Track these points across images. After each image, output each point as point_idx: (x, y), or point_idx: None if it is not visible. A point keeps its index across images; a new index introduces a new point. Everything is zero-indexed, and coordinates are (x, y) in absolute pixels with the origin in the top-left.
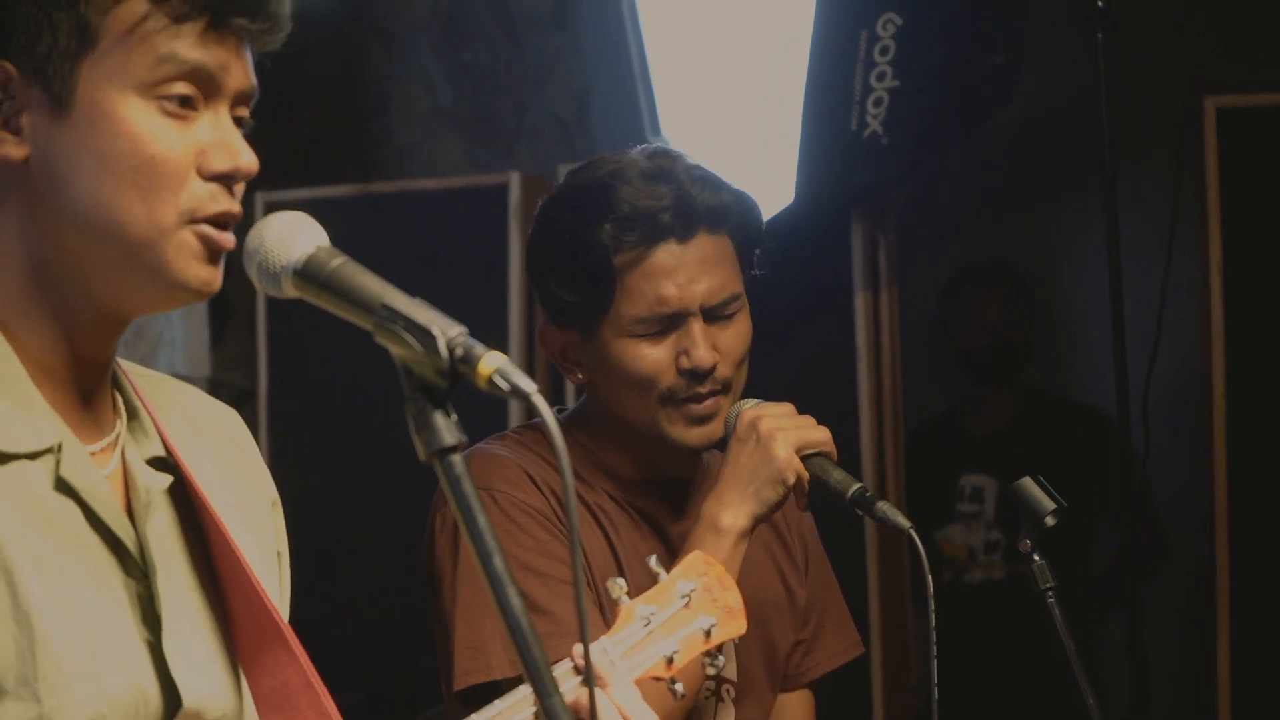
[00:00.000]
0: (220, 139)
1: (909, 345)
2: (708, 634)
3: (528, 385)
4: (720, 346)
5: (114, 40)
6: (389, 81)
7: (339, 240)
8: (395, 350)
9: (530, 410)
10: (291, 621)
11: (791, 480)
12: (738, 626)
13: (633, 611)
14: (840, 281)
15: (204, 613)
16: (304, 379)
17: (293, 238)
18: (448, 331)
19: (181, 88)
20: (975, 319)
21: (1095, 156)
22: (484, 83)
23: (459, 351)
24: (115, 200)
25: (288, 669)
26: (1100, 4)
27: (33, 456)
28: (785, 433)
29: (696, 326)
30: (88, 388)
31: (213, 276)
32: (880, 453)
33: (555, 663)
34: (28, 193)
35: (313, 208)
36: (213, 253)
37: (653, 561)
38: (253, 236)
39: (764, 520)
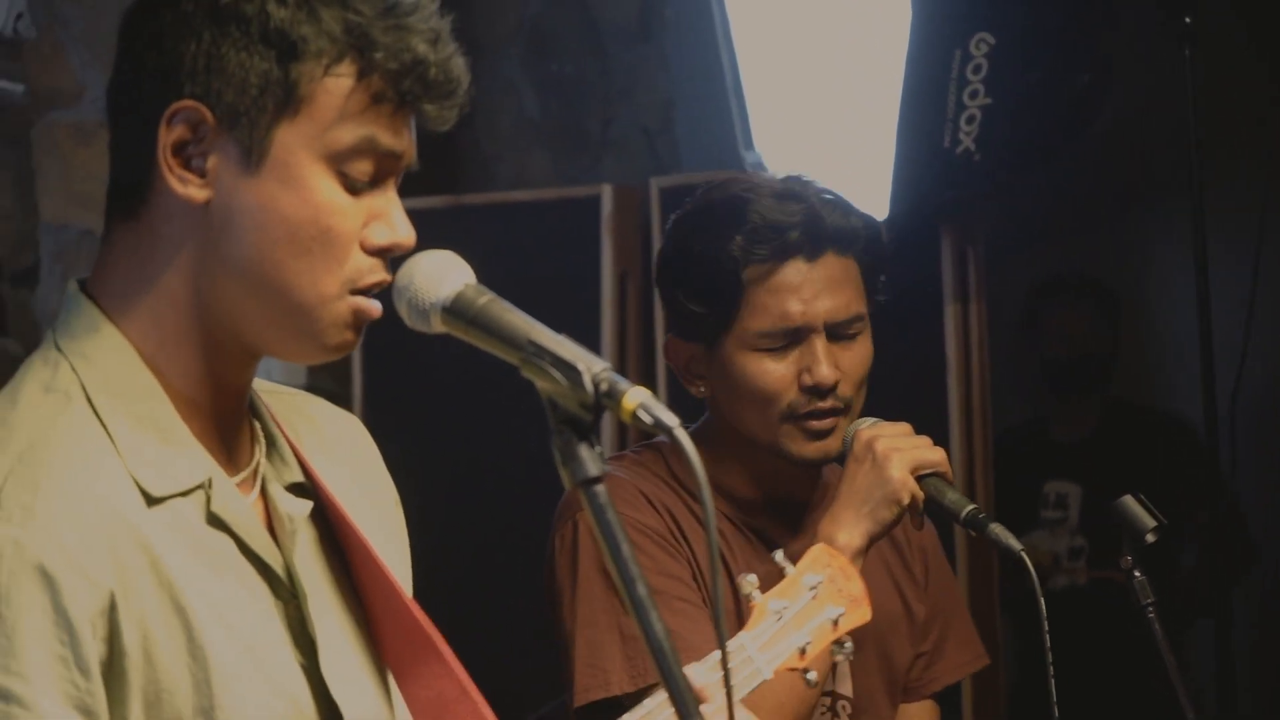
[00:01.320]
0: (385, 213)
1: (996, 354)
2: (835, 623)
3: (670, 419)
4: (842, 366)
5: (316, 109)
6: (476, 93)
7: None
8: (541, 384)
9: (643, 431)
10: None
11: (906, 500)
12: (863, 614)
13: (766, 607)
14: (930, 294)
15: (353, 631)
16: (398, 385)
17: (442, 276)
18: (592, 367)
19: (367, 167)
20: (1060, 331)
21: (1183, 168)
22: (570, 94)
23: (604, 386)
24: (287, 262)
25: (442, 679)
26: (1188, 20)
27: (185, 494)
28: (901, 453)
29: (820, 343)
30: (229, 418)
31: (354, 342)
32: (970, 462)
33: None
34: (200, 234)
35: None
36: (360, 322)
37: (779, 556)
38: (403, 274)
39: (879, 539)
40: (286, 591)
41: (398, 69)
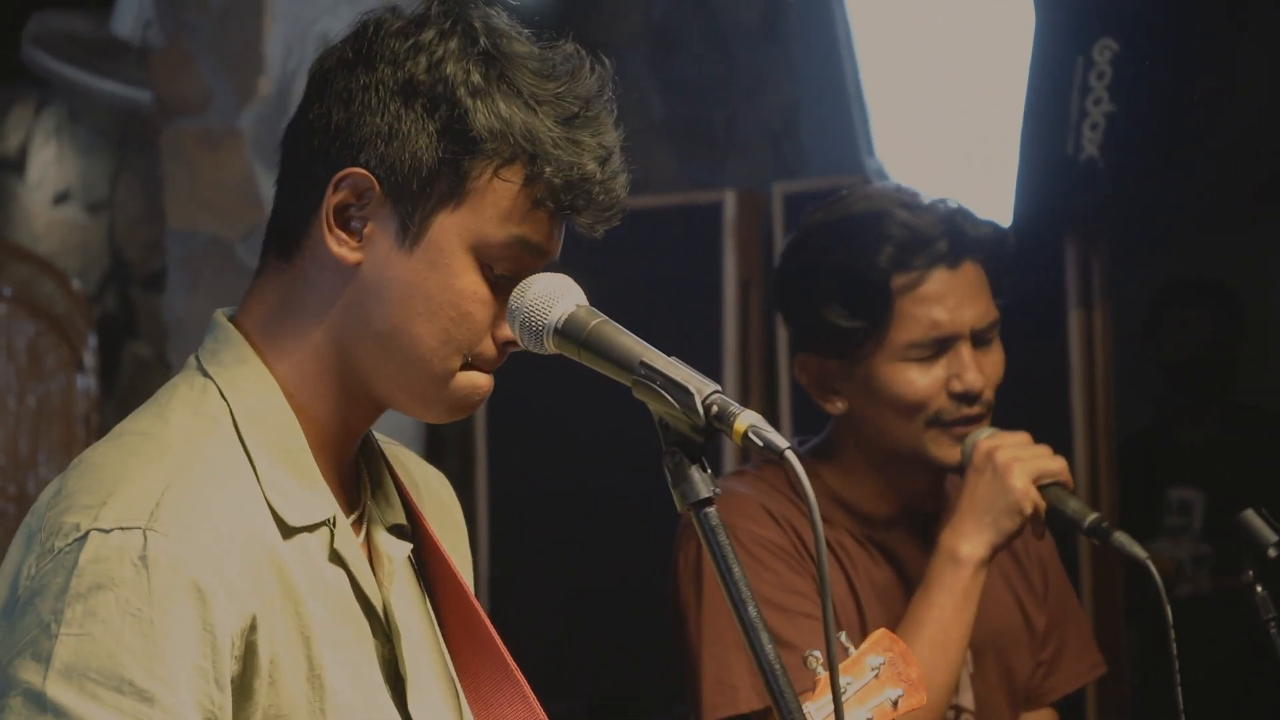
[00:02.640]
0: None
1: (1119, 359)
2: (895, 704)
3: (780, 442)
4: (985, 371)
5: (479, 204)
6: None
7: (554, 260)
8: (654, 406)
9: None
10: (506, 629)
11: (1029, 510)
12: (920, 699)
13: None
14: (1054, 301)
15: (440, 671)
16: (518, 403)
17: (554, 298)
18: (703, 390)
19: (510, 265)
20: (1182, 334)
21: None
22: (695, 96)
23: (715, 409)
24: (424, 338)
25: (521, 710)
26: None
27: (312, 529)
28: (1022, 463)
29: (966, 350)
30: (348, 459)
31: (470, 411)
32: (1094, 469)
33: (801, 692)
34: (346, 292)
35: None
36: (477, 400)
37: (843, 637)
38: (515, 296)
39: (1002, 549)
40: (382, 631)
41: (563, 184)
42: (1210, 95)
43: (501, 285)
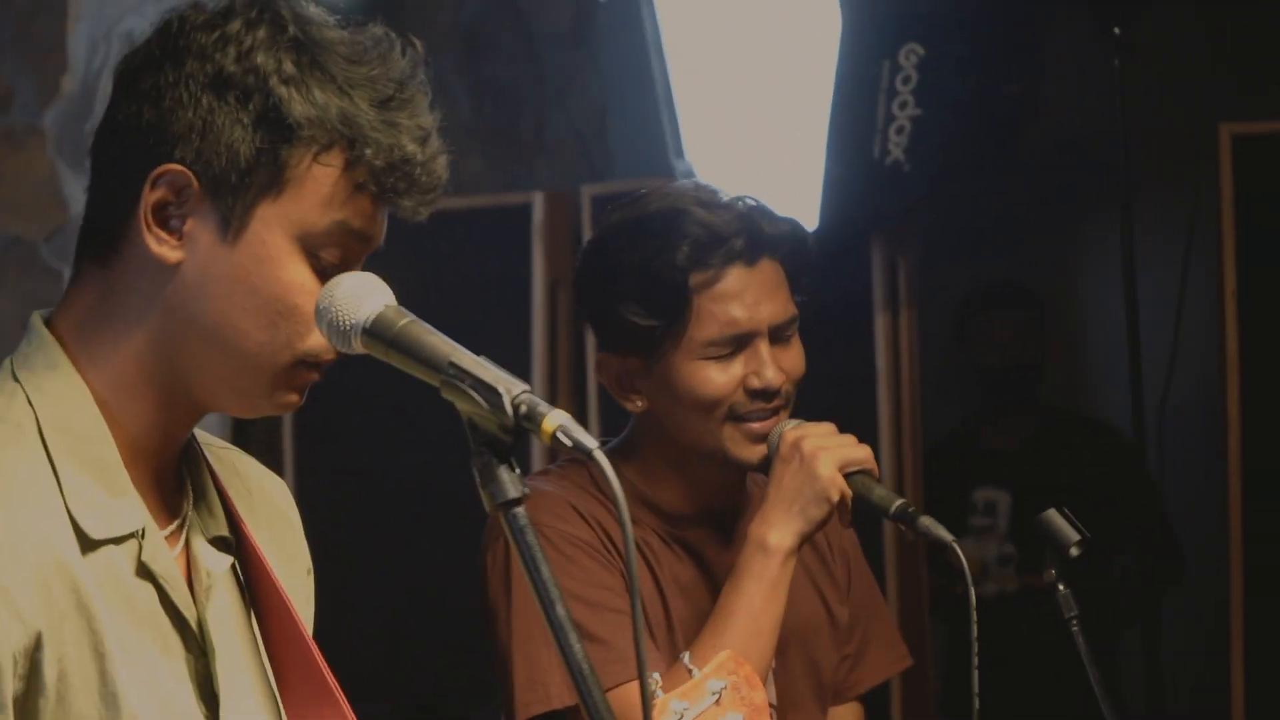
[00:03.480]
0: None
1: (926, 362)
2: None
3: (589, 442)
4: (784, 366)
5: (299, 192)
6: None
7: (367, 259)
8: (462, 406)
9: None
10: (319, 634)
11: (836, 498)
12: None
13: (667, 706)
14: (860, 304)
15: (260, 687)
16: (325, 405)
17: (362, 297)
18: (512, 390)
19: (336, 253)
20: (990, 339)
21: (1112, 179)
22: (504, 99)
23: (523, 409)
24: (251, 333)
25: None
26: (1117, 31)
27: (118, 541)
28: (828, 451)
29: (764, 347)
30: (167, 468)
31: (298, 403)
32: (900, 470)
33: (612, 687)
34: (168, 292)
35: None
36: (304, 386)
37: (686, 659)
38: (324, 295)
39: (810, 538)
40: (197, 646)
41: (384, 166)
42: (1015, 100)
43: (329, 275)
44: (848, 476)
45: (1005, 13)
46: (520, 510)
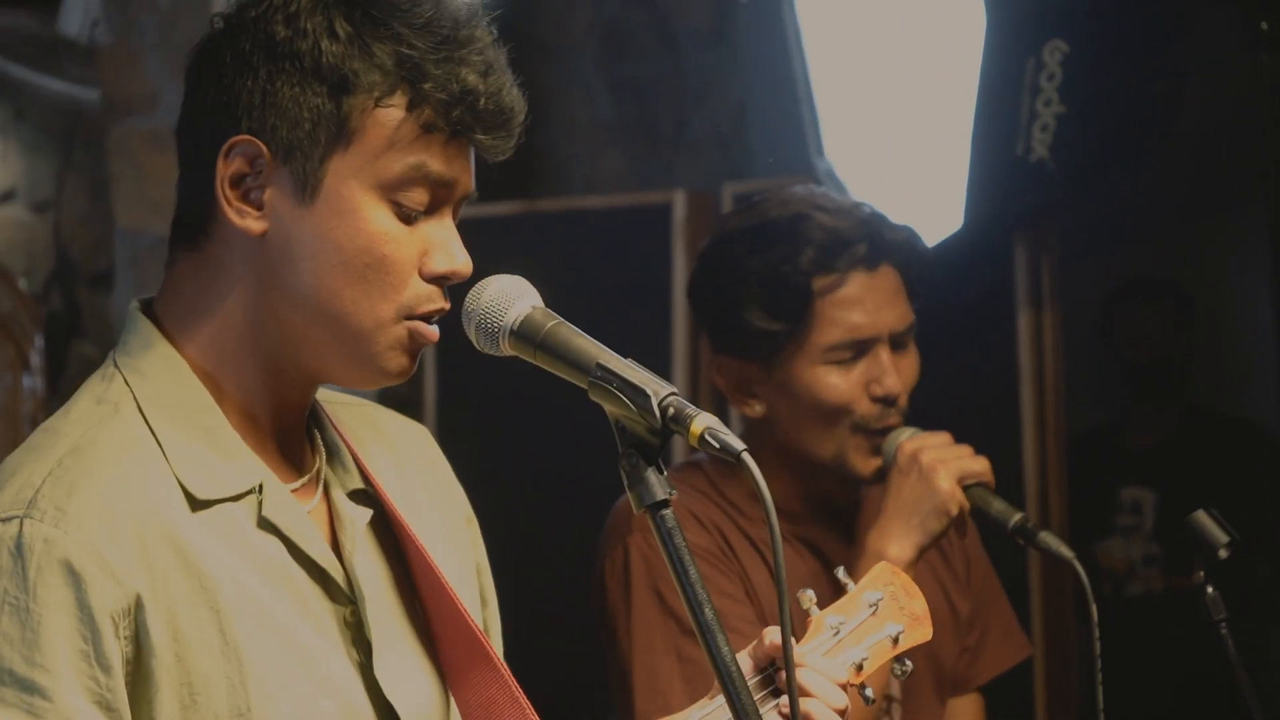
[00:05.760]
0: (442, 241)
1: (1072, 359)
2: (895, 640)
3: (737, 444)
4: (902, 374)
5: (367, 141)
6: (549, 94)
7: (504, 259)
8: (610, 408)
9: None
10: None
11: (955, 512)
12: (924, 633)
13: (823, 622)
14: (1004, 302)
15: (411, 634)
16: (470, 396)
17: (510, 300)
18: (660, 392)
19: (419, 195)
20: (1137, 334)
21: (1258, 172)
22: (644, 96)
23: (671, 411)
24: (343, 290)
25: (493, 686)
26: (1264, 25)
27: (236, 499)
28: (947, 464)
29: (885, 354)
30: (288, 430)
31: (412, 367)
32: (1043, 469)
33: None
34: (259, 264)
35: (478, 227)
36: (417, 346)
37: (841, 573)
38: (471, 298)
39: (928, 550)
40: (344, 596)
41: (447, 99)
42: (1160, 96)
43: (419, 224)
44: (966, 489)
45: (1150, 8)
46: (669, 512)
